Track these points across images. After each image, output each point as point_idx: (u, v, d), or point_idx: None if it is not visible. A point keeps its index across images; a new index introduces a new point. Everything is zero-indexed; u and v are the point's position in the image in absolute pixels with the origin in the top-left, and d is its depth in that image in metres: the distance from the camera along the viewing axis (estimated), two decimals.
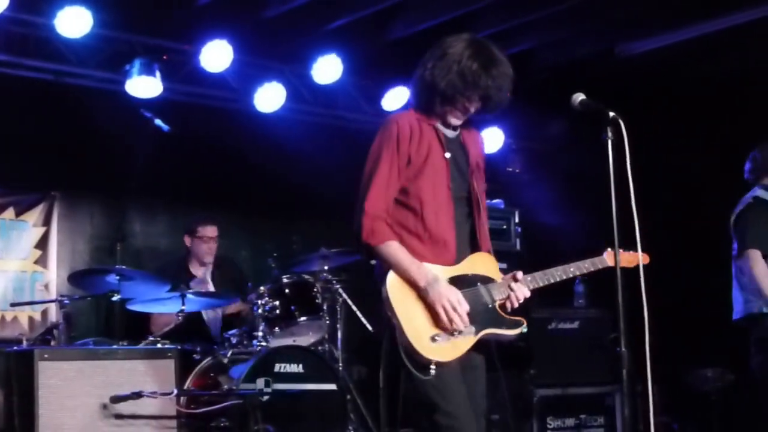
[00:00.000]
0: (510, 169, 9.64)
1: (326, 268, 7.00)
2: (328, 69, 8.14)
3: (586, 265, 4.31)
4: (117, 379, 5.70)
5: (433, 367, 3.89)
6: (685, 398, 8.16)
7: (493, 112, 4.20)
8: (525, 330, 4.14)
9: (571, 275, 4.27)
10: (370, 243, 3.97)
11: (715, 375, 7.97)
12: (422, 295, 3.95)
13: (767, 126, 7.42)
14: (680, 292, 7.83)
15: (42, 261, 7.84)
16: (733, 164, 7.60)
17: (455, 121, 4.19)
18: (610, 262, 4.24)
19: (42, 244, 7.85)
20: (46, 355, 5.56)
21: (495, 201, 8.43)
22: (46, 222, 7.88)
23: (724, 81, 7.96)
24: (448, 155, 4.14)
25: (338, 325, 7.00)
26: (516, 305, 4.21)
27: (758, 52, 7.76)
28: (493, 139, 9.18)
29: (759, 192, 6.12)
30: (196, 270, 7.44)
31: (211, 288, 7.31)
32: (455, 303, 3.94)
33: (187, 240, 7.47)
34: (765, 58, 7.77)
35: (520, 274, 4.15)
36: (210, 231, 7.42)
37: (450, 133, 4.22)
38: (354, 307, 7.13)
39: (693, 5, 7.48)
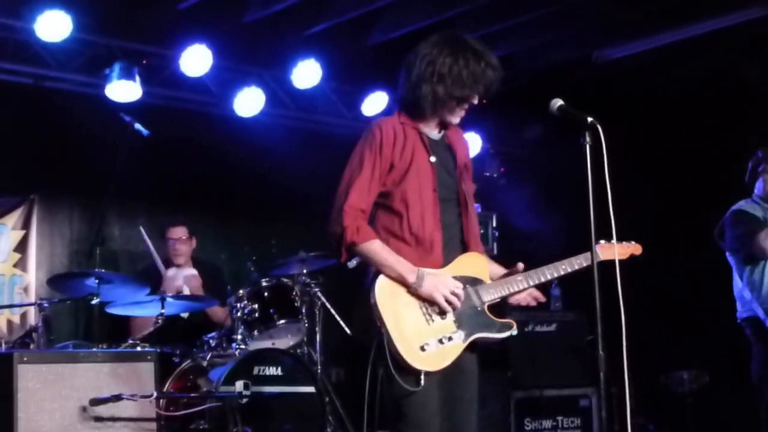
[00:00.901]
0: (488, 174, 9.67)
1: (305, 271, 7.02)
2: (307, 74, 8.16)
3: (579, 261, 4.21)
4: (96, 382, 5.66)
5: (422, 377, 3.86)
6: (661, 400, 8.23)
7: (487, 99, 4.13)
8: (515, 333, 4.11)
9: (562, 272, 4.22)
10: (356, 241, 3.92)
11: (691, 377, 8.03)
12: (413, 291, 3.92)
13: (745, 130, 7.52)
14: (657, 294, 7.89)
15: (21, 264, 7.82)
16: (710, 168, 7.71)
17: (455, 120, 4.16)
18: (603, 256, 4.18)
19: (21, 247, 7.83)
20: (25, 358, 5.51)
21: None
22: (26, 225, 7.85)
23: (701, 86, 8.02)
24: (433, 159, 4.12)
25: (317, 328, 7.02)
26: (534, 304, 4.27)
27: (735, 56, 7.83)
28: (471, 143, 9.19)
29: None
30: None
31: (185, 289, 7.31)
32: (451, 287, 3.93)
33: (162, 243, 7.49)
34: (742, 63, 7.85)
35: (521, 266, 4.14)
36: (177, 232, 7.40)
37: (435, 136, 4.20)
38: (332, 310, 7.15)
39: (670, 11, 7.54)
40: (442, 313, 3.96)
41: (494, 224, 8.61)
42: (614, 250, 4.14)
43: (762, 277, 5.94)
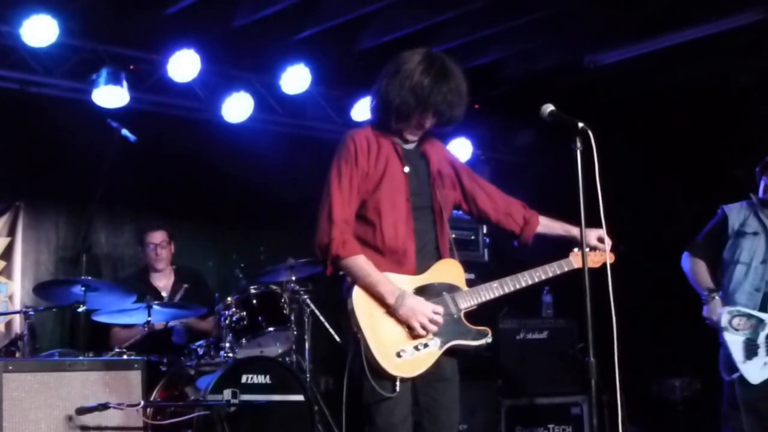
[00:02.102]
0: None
1: (293, 278, 6.99)
2: (296, 79, 8.11)
3: (552, 268, 4.31)
4: (82, 390, 5.62)
5: (398, 383, 3.91)
6: (652, 407, 8.19)
7: (448, 126, 4.24)
8: (489, 340, 4.15)
9: (537, 279, 4.29)
10: (340, 255, 3.98)
11: (683, 384, 8.00)
12: (392, 311, 3.96)
13: (737, 135, 7.50)
14: (648, 301, 7.86)
15: (6, 272, 7.74)
16: (702, 173, 7.69)
17: (411, 137, 4.23)
18: (576, 264, 4.27)
19: (6, 254, 7.74)
20: (10, 367, 5.46)
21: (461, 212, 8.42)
22: (11, 232, 7.77)
23: (693, 91, 8.00)
24: (407, 169, 4.18)
25: (306, 336, 6.98)
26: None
27: (727, 61, 7.82)
28: (461, 150, 9.16)
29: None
30: (157, 281, 7.37)
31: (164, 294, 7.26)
32: (430, 315, 3.98)
33: (140, 250, 7.44)
34: (734, 68, 7.83)
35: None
36: (156, 237, 7.32)
37: (409, 146, 4.25)
38: (321, 318, 7.11)
39: (662, 16, 7.51)
40: None
41: (485, 230, 8.55)
42: (592, 258, 4.23)
43: (728, 281, 6.04)
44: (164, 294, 7.26)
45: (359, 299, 3.96)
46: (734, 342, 5.83)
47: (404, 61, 4.11)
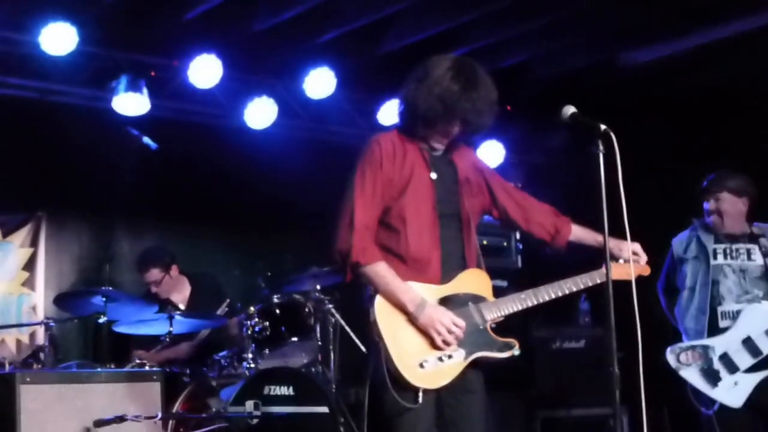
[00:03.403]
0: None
1: (318, 287, 6.83)
2: (320, 83, 7.99)
3: (584, 280, 4.18)
4: (100, 402, 5.58)
5: (420, 394, 3.81)
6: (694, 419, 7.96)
7: (476, 134, 4.17)
8: (517, 353, 4.04)
9: (567, 291, 4.16)
10: (360, 262, 3.88)
11: None
12: (412, 319, 3.86)
13: None
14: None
15: (29, 283, 7.72)
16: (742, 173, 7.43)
17: (437, 145, 4.13)
18: (615, 275, 4.03)
19: (29, 265, 7.73)
20: (27, 379, 5.44)
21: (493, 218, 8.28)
22: (33, 243, 7.74)
23: (728, 90, 7.80)
24: (434, 176, 4.08)
25: (331, 346, 6.83)
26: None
27: (762, 59, 7.62)
28: (493, 153, 9.01)
29: None
30: (175, 296, 7.26)
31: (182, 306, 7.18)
32: (449, 325, 3.86)
33: None
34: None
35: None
36: (151, 276, 7.16)
37: (436, 152, 4.15)
38: (347, 328, 6.97)
39: (697, 12, 7.34)
40: None
41: (518, 236, 8.39)
42: (623, 270, 4.11)
43: (677, 308, 6.14)
44: (182, 307, 7.19)
45: (381, 308, 3.87)
46: (693, 377, 5.80)
47: (433, 66, 4.01)
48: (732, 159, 7.04)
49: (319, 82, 7.99)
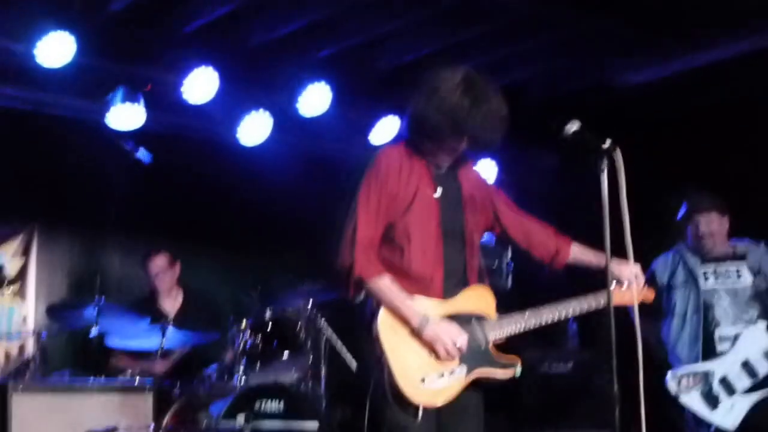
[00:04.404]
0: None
1: (310, 303, 6.83)
2: (315, 100, 7.96)
3: (589, 302, 4.18)
4: (92, 413, 5.63)
5: (420, 411, 3.80)
6: None
7: (483, 151, 4.13)
8: (519, 372, 4.05)
9: (572, 313, 4.17)
10: (363, 276, 3.86)
11: None
12: (416, 334, 3.85)
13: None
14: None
15: (20, 293, 7.68)
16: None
17: (443, 160, 4.11)
18: (617, 299, 4.06)
19: (20, 276, 7.70)
20: (20, 388, 5.48)
21: (485, 238, 8.26)
22: (25, 253, 7.73)
23: (724, 111, 7.83)
24: (438, 193, 4.06)
25: (322, 363, 6.82)
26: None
27: (760, 81, 7.64)
28: (486, 172, 9.01)
29: None
30: (165, 303, 7.25)
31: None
32: (454, 338, 3.86)
33: (145, 274, 7.32)
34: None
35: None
36: (158, 263, 7.22)
37: (442, 168, 4.14)
38: (338, 344, 6.96)
39: (690, 34, 7.37)
40: None
41: (508, 257, 8.38)
42: (626, 295, 4.13)
43: (667, 335, 6.19)
44: (170, 316, 7.15)
45: (384, 323, 3.85)
46: (693, 401, 5.85)
47: (442, 80, 3.97)
48: (731, 184, 7.10)
49: (314, 99, 7.97)
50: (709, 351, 5.89)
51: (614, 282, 4.12)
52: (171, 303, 7.26)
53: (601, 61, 8.02)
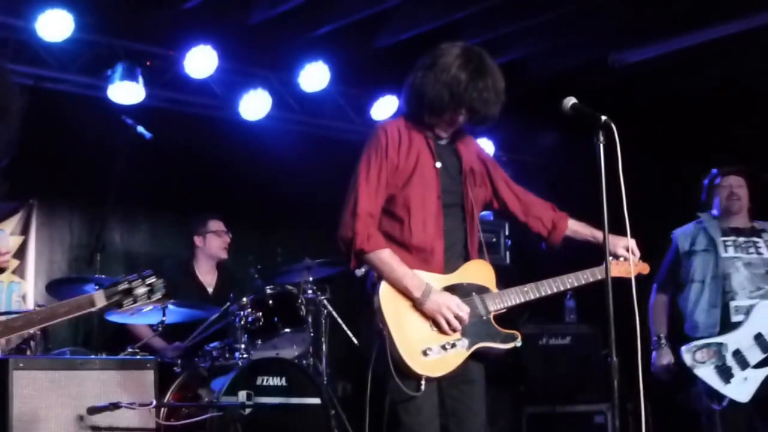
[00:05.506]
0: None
1: (310, 279, 6.85)
2: (315, 77, 8.00)
3: (585, 276, 4.19)
4: (94, 389, 5.50)
5: (423, 382, 3.82)
6: (678, 417, 8.00)
7: (482, 125, 4.14)
8: (519, 344, 4.05)
9: (569, 286, 4.18)
10: (365, 249, 3.88)
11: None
12: (417, 305, 3.86)
13: (765, 136, 7.35)
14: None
15: (19, 271, 7.64)
16: None
17: (443, 134, 4.12)
18: (614, 272, 4.07)
19: (19, 253, 7.65)
20: (21, 364, 5.36)
21: (484, 213, 8.29)
22: (24, 231, 7.68)
23: (720, 90, 7.85)
24: (438, 165, 4.08)
25: (323, 338, 6.86)
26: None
27: (756, 60, 7.66)
28: (485, 149, 9.00)
29: None
30: (204, 276, 7.20)
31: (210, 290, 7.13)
32: (455, 309, 3.87)
33: (199, 240, 7.16)
34: (763, 67, 7.67)
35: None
36: (221, 224, 7.18)
37: (441, 141, 4.15)
38: (339, 320, 6.99)
39: (689, 13, 7.37)
40: None
41: (507, 233, 8.40)
42: (622, 268, 4.15)
43: (685, 302, 6.15)
44: (210, 290, 7.13)
45: (386, 295, 3.87)
46: (708, 374, 5.83)
47: (441, 54, 4.00)
48: (724, 161, 7.10)
49: (314, 76, 8.00)
50: (724, 321, 5.89)
51: (611, 256, 4.13)
52: (210, 275, 7.21)
53: (597, 41, 8.02)
